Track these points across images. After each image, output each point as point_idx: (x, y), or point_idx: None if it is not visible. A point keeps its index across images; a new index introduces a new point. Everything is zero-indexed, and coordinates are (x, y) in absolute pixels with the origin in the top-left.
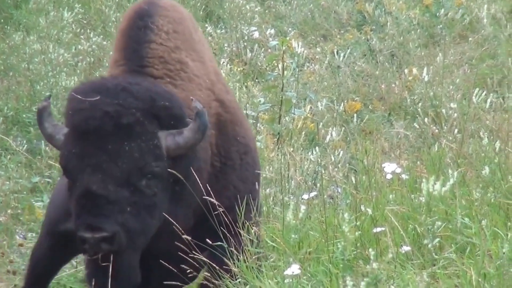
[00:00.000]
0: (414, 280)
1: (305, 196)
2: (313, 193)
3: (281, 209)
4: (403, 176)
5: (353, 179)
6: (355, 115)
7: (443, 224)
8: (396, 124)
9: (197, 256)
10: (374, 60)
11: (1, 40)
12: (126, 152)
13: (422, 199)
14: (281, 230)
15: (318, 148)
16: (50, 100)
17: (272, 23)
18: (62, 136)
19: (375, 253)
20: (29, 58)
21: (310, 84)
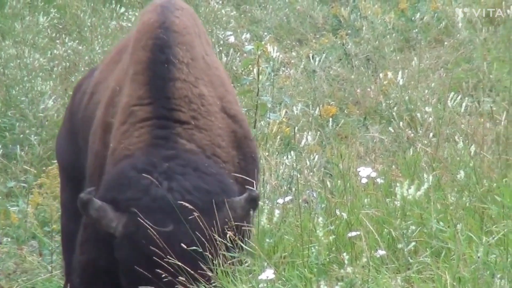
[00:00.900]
0: (389, 285)
1: (280, 201)
2: (288, 198)
3: (256, 214)
4: (378, 180)
5: (328, 184)
6: (331, 119)
7: (418, 228)
8: (372, 128)
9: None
10: (349, 65)
11: None
12: None
13: (397, 203)
14: (256, 234)
15: (293, 153)
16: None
17: (247, 27)
18: (122, 228)
19: (350, 257)
20: (4, 63)
21: (285, 89)
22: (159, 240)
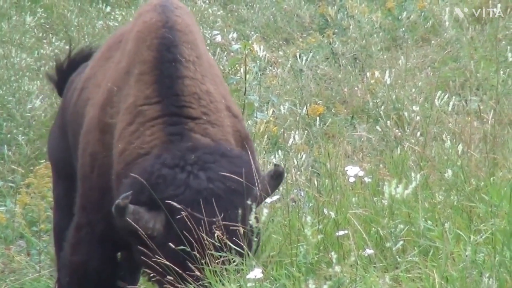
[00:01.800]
0: (377, 283)
1: (268, 200)
2: (276, 197)
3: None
4: (366, 179)
5: (316, 183)
6: (318, 118)
7: (405, 227)
8: (359, 127)
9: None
10: (336, 64)
11: None
12: None
13: (385, 202)
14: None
15: (280, 152)
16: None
17: (234, 26)
18: (161, 226)
19: (338, 256)
20: None
21: (272, 88)
22: (211, 231)
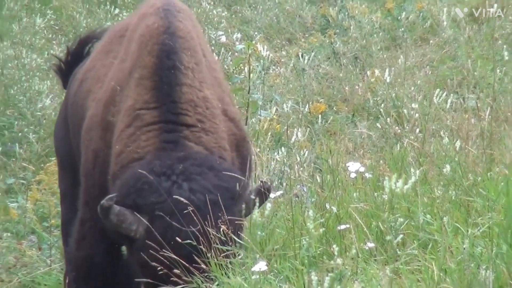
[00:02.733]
0: (378, 276)
1: (271, 195)
2: (279, 192)
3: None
4: (367, 175)
5: (318, 178)
6: (320, 116)
7: (405, 221)
8: (360, 125)
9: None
10: (338, 63)
11: None
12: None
13: (385, 197)
14: (249, 227)
15: (284, 149)
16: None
17: (238, 27)
18: (142, 229)
19: (340, 249)
20: (3, 63)
21: (275, 87)
22: (193, 240)
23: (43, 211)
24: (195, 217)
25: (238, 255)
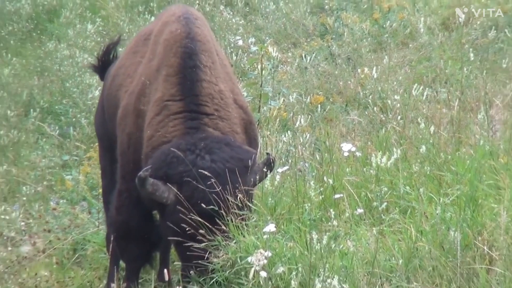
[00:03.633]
0: (366, 236)
1: (279, 170)
2: (286, 167)
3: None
4: (357, 153)
5: (317, 156)
6: (319, 106)
7: (389, 191)
8: (351, 113)
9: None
10: (334, 63)
11: (38, 47)
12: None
13: (372, 171)
14: (261, 196)
15: (289, 132)
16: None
17: (253, 33)
18: (173, 196)
19: (335, 214)
20: (60, 62)
21: (283, 82)
22: (213, 201)
23: (92, 182)
24: (216, 183)
25: (252, 218)
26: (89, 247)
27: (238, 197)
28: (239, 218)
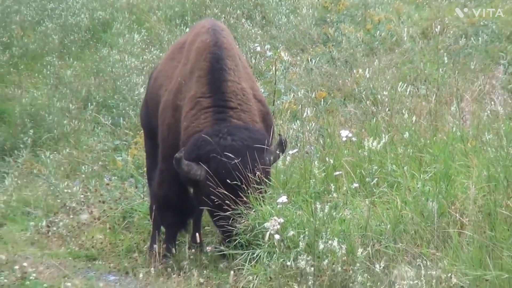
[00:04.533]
0: (360, 205)
1: (290, 152)
2: (295, 150)
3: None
4: (353, 138)
5: (321, 141)
6: (322, 100)
7: (379, 169)
8: (349, 106)
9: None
10: (334, 65)
11: (94, 53)
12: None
13: (365, 153)
14: (275, 173)
15: (298, 121)
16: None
17: (268, 41)
18: (204, 173)
19: (335, 187)
20: (112, 64)
21: (293, 80)
22: (233, 171)
23: (138, 162)
24: (236, 157)
25: (268, 191)
26: (135, 215)
27: (257, 174)
28: (257, 192)
